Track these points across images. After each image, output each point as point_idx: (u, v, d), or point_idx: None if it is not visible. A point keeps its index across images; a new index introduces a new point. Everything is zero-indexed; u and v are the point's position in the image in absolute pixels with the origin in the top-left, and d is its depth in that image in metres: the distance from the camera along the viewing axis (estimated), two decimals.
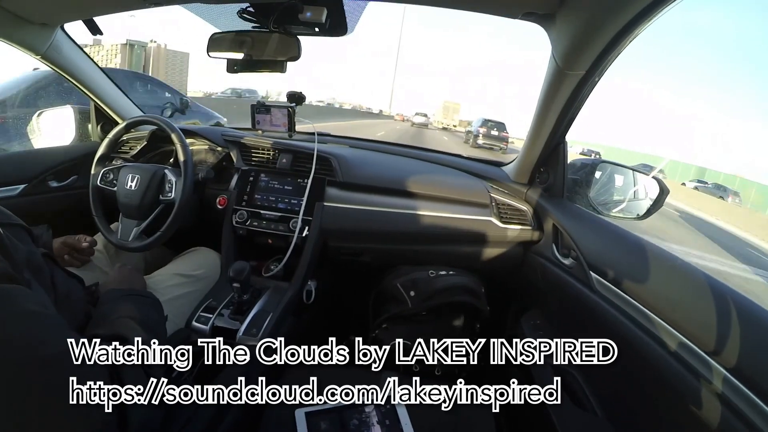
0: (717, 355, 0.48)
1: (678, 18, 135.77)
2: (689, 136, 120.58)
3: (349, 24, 0.89)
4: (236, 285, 0.81)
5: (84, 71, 1.18)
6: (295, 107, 1.13)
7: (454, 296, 0.99)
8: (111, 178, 1.02)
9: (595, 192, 1.04)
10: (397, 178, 1.12)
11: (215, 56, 0.97)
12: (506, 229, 1.06)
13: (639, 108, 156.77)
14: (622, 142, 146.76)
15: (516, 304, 1.14)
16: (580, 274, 0.80)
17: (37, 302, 0.39)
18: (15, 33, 0.95)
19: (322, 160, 1.09)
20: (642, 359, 0.59)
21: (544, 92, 0.84)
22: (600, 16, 0.61)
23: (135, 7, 0.91)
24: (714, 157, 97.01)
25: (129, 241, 0.97)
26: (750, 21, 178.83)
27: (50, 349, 0.35)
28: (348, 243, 1.10)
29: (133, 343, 0.47)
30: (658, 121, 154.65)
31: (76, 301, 0.55)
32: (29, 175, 1.11)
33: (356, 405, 0.70)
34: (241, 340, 0.79)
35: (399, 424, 0.67)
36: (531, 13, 0.70)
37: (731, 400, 0.45)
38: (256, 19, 0.90)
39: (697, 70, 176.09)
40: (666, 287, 0.61)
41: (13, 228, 0.47)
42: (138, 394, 0.41)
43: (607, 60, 0.70)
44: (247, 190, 1.08)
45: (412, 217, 1.06)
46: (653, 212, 1.00)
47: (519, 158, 1.13)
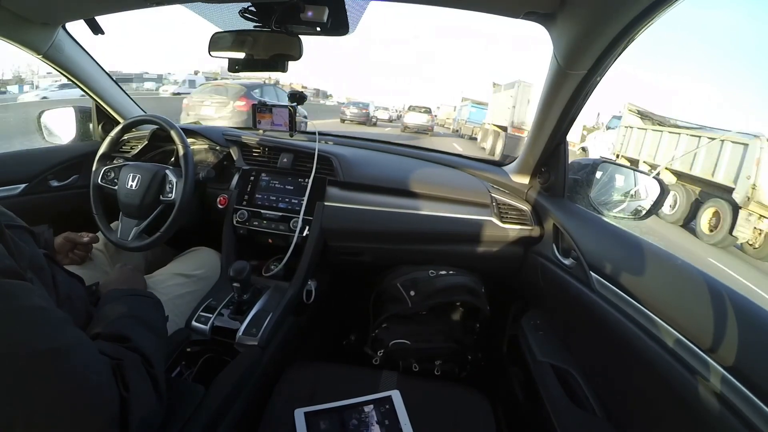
0: (715, 354, 0.48)
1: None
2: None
3: (350, 23, 0.89)
4: (236, 285, 0.81)
5: (85, 71, 1.18)
6: (296, 107, 1.13)
7: (454, 296, 0.99)
8: (112, 177, 1.02)
9: (595, 192, 1.04)
10: (397, 178, 1.12)
11: (217, 56, 0.97)
12: (507, 229, 1.06)
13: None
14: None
15: (516, 304, 1.14)
16: (580, 274, 0.80)
17: (42, 297, 0.39)
18: (16, 32, 0.95)
19: (323, 159, 1.09)
20: (641, 359, 0.59)
21: (546, 92, 0.84)
22: (601, 15, 0.61)
23: (136, 6, 0.91)
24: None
25: (129, 241, 0.97)
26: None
27: (55, 343, 0.36)
28: (348, 243, 1.10)
29: (134, 342, 0.48)
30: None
31: (78, 301, 0.55)
32: (30, 175, 1.12)
33: (355, 404, 0.70)
34: (241, 339, 0.79)
35: (398, 424, 0.67)
36: (532, 13, 0.70)
37: (730, 399, 0.45)
38: (258, 18, 0.90)
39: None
40: (666, 287, 0.61)
41: (16, 229, 0.47)
42: (139, 392, 0.41)
43: (608, 60, 0.70)
44: (248, 189, 1.08)
45: (413, 216, 1.07)
46: (654, 212, 1.00)
47: (520, 158, 1.13)
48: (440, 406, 0.73)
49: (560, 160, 0.98)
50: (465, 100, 18.87)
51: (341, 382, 0.78)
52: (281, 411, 0.69)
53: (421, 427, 0.67)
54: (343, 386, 0.75)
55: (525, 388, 0.91)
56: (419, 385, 0.78)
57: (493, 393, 0.84)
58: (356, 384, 0.77)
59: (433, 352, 0.97)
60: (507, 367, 1.02)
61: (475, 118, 14.79)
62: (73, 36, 1.10)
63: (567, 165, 0.99)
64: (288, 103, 1.13)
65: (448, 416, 0.71)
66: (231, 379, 0.68)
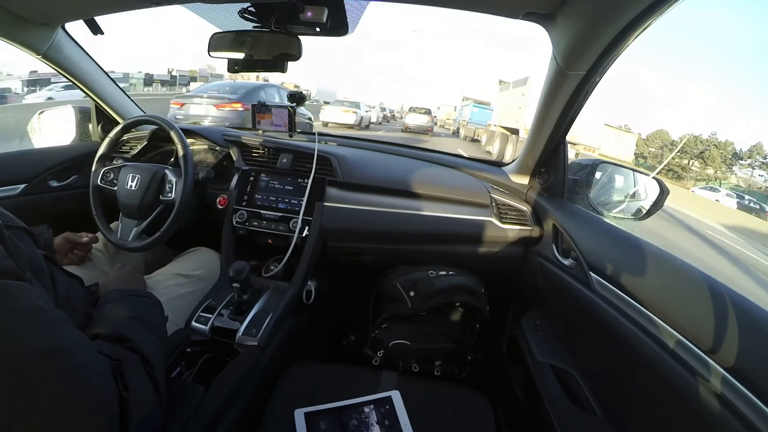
0: (716, 355, 0.48)
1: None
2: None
3: (350, 23, 0.89)
4: (236, 285, 0.81)
5: (85, 71, 1.18)
6: (295, 107, 1.13)
7: (454, 296, 0.99)
8: (111, 177, 1.02)
9: (595, 192, 1.04)
10: (397, 178, 1.12)
11: (216, 56, 0.98)
12: (506, 230, 1.06)
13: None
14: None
15: (516, 304, 1.14)
16: (579, 274, 0.80)
17: (42, 298, 0.39)
18: (16, 33, 0.95)
19: (323, 160, 1.09)
20: (641, 359, 0.59)
21: (545, 92, 0.85)
22: (601, 16, 0.61)
23: (135, 6, 0.91)
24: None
25: (129, 241, 0.97)
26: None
27: (55, 344, 0.36)
28: (348, 243, 1.10)
29: (134, 342, 0.48)
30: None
31: (77, 301, 0.55)
32: (30, 175, 1.12)
33: (355, 405, 0.70)
34: (241, 340, 0.79)
35: (398, 425, 0.67)
36: (532, 13, 0.70)
37: (730, 399, 0.45)
38: (257, 18, 0.90)
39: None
40: (665, 287, 0.61)
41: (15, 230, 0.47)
42: (139, 392, 0.41)
43: (608, 60, 0.70)
44: (248, 190, 1.08)
45: (413, 217, 1.07)
46: (653, 212, 1.00)
47: (519, 158, 1.13)
48: (440, 406, 0.73)
49: (560, 161, 0.99)
50: (466, 99, 18.02)
51: (341, 382, 0.78)
52: (281, 411, 0.69)
53: (421, 427, 0.66)
54: (343, 386, 0.75)
55: (525, 389, 0.91)
56: (419, 386, 0.78)
57: (493, 393, 0.84)
58: (356, 384, 0.77)
59: (433, 352, 0.97)
60: (507, 368, 1.02)
61: (477, 118, 14.22)
62: (73, 36, 1.10)
63: (566, 165, 1.00)
64: (288, 104, 1.13)
65: (448, 416, 0.71)
66: (231, 379, 0.68)
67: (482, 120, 13.70)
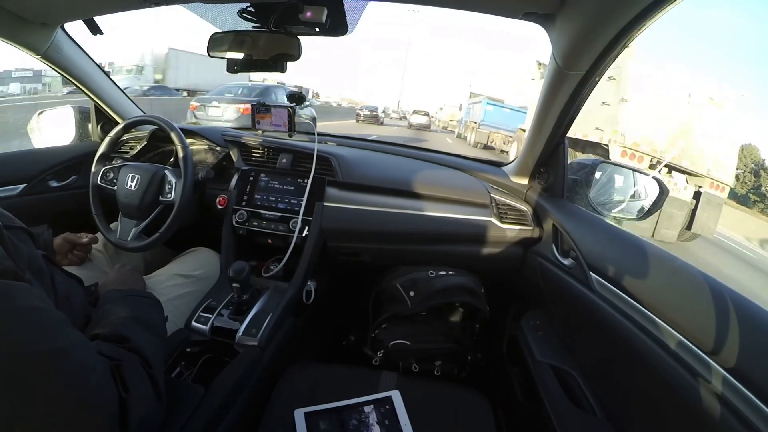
0: (716, 356, 0.48)
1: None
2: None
3: (349, 24, 0.89)
4: (236, 285, 0.81)
5: (84, 71, 1.18)
6: (295, 107, 1.13)
7: (453, 296, 0.99)
8: (111, 177, 1.02)
9: (594, 192, 1.04)
10: (397, 178, 1.12)
11: (216, 56, 0.97)
12: (506, 230, 1.06)
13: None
14: None
15: (516, 304, 1.14)
16: (579, 274, 0.80)
17: (41, 299, 0.40)
18: (15, 33, 0.95)
19: (322, 160, 1.09)
20: (641, 359, 0.59)
21: (545, 92, 0.84)
22: (601, 16, 0.61)
23: (135, 7, 0.91)
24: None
25: (128, 241, 0.97)
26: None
27: (55, 344, 0.36)
28: (348, 243, 1.10)
29: (134, 342, 0.48)
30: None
31: (76, 301, 0.55)
32: (29, 175, 1.12)
33: (355, 405, 0.70)
34: (241, 340, 0.79)
35: (398, 425, 0.67)
36: (531, 13, 0.70)
37: (730, 400, 0.45)
38: (257, 18, 0.90)
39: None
40: (665, 287, 0.61)
41: (15, 230, 0.47)
42: (138, 392, 0.41)
43: (607, 60, 0.70)
44: (247, 190, 1.08)
45: (413, 217, 1.07)
46: (653, 212, 1.00)
47: (519, 158, 1.13)
48: (440, 406, 0.73)
49: (559, 161, 0.99)
50: (475, 96, 14.27)
51: (341, 382, 0.78)
52: (281, 411, 0.69)
53: (421, 427, 0.66)
54: (343, 386, 0.75)
55: (525, 389, 0.91)
56: (419, 386, 0.78)
57: (493, 393, 0.84)
58: (356, 384, 0.77)
59: (433, 352, 0.97)
60: (507, 368, 1.02)
61: (492, 119, 11.33)
62: (72, 36, 1.10)
63: (566, 165, 1.00)
64: (288, 104, 1.13)
65: (448, 416, 0.71)
66: (231, 379, 0.68)
67: (499, 122, 11.18)
